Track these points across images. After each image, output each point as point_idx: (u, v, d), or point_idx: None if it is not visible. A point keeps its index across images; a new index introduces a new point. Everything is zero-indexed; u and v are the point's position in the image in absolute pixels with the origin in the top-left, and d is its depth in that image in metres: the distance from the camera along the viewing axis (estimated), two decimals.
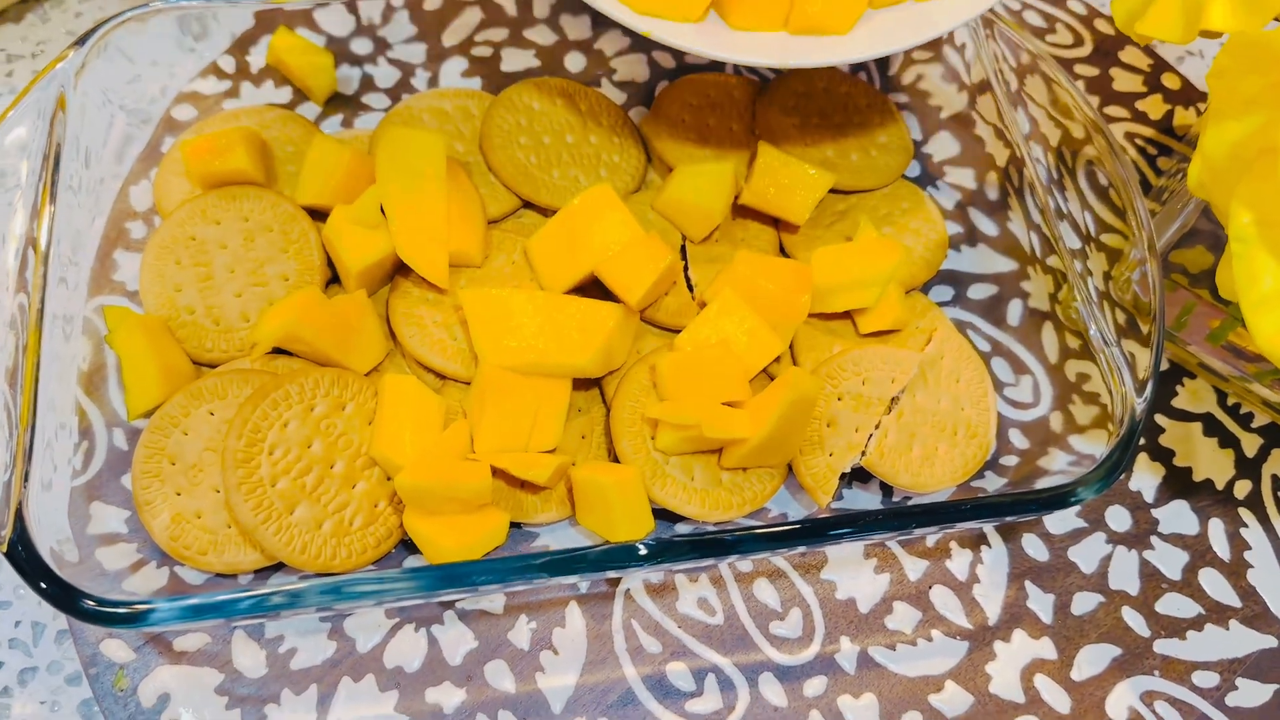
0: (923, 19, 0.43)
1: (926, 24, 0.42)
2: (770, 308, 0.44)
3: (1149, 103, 0.58)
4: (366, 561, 0.40)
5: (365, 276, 0.44)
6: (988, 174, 0.52)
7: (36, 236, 0.41)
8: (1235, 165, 0.36)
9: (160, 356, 0.42)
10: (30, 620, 0.42)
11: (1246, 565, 0.45)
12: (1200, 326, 0.49)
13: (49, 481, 0.38)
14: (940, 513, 0.38)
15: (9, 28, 0.58)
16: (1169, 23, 0.40)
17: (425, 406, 0.41)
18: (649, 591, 0.42)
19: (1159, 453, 0.48)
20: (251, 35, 0.54)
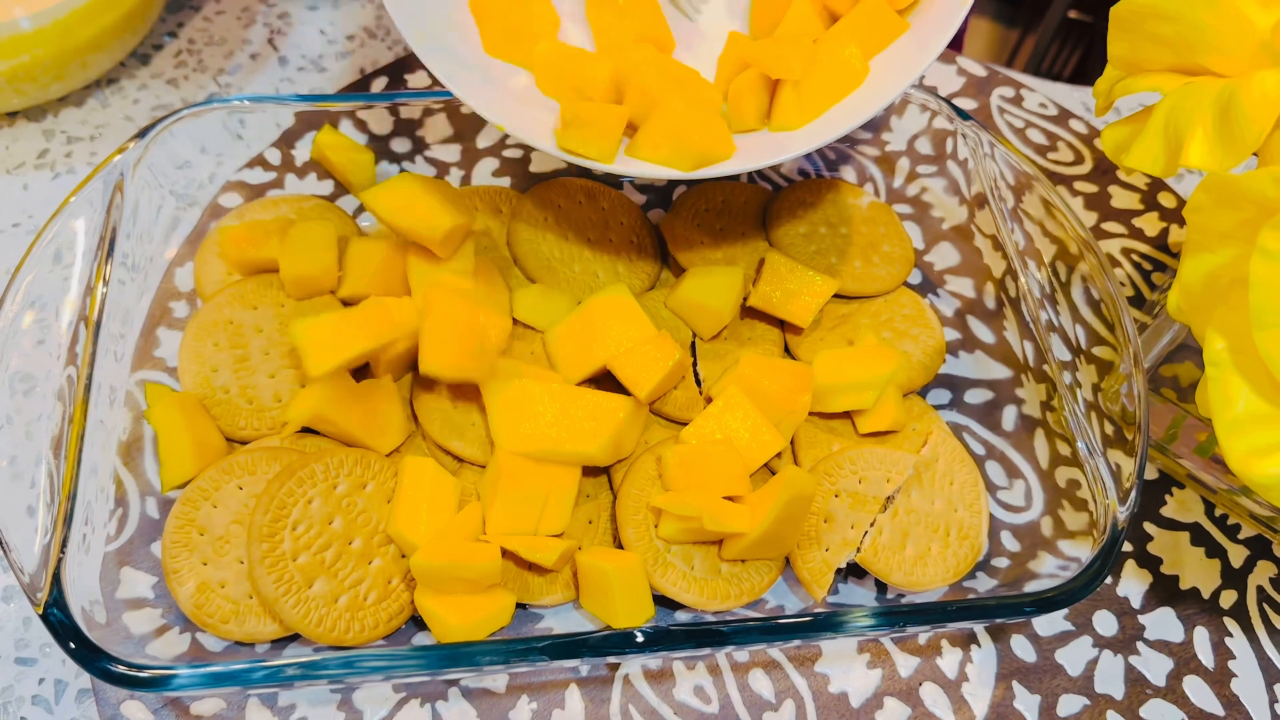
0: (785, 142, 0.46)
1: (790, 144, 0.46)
2: (772, 406, 0.47)
3: (1145, 220, 0.61)
4: (378, 636, 0.42)
5: (393, 364, 0.47)
6: (985, 284, 0.54)
7: (89, 313, 0.44)
8: (1210, 294, 0.38)
9: (194, 432, 0.45)
10: (54, 678, 0.44)
11: (1230, 674, 0.46)
12: (1189, 439, 0.51)
13: (85, 546, 0.41)
14: (929, 612, 0.40)
15: (70, 110, 0.62)
16: (1152, 157, 0.42)
17: (442, 488, 0.43)
18: (647, 677, 0.44)
19: (1147, 560, 0.49)
20: (297, 130, 0.57)
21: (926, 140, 0.60)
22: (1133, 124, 0.44)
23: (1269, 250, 0.34)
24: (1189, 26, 0.41)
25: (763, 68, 0.46)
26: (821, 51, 0.46)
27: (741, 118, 0.47)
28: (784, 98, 0.46)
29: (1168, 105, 0.42)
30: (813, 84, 0.46)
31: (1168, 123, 0.42)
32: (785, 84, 0.46)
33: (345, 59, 0.66)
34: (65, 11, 0.54)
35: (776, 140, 0.47)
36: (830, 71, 0.46)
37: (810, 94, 0.46)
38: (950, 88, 0.67)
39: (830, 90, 0.46)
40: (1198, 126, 0.40)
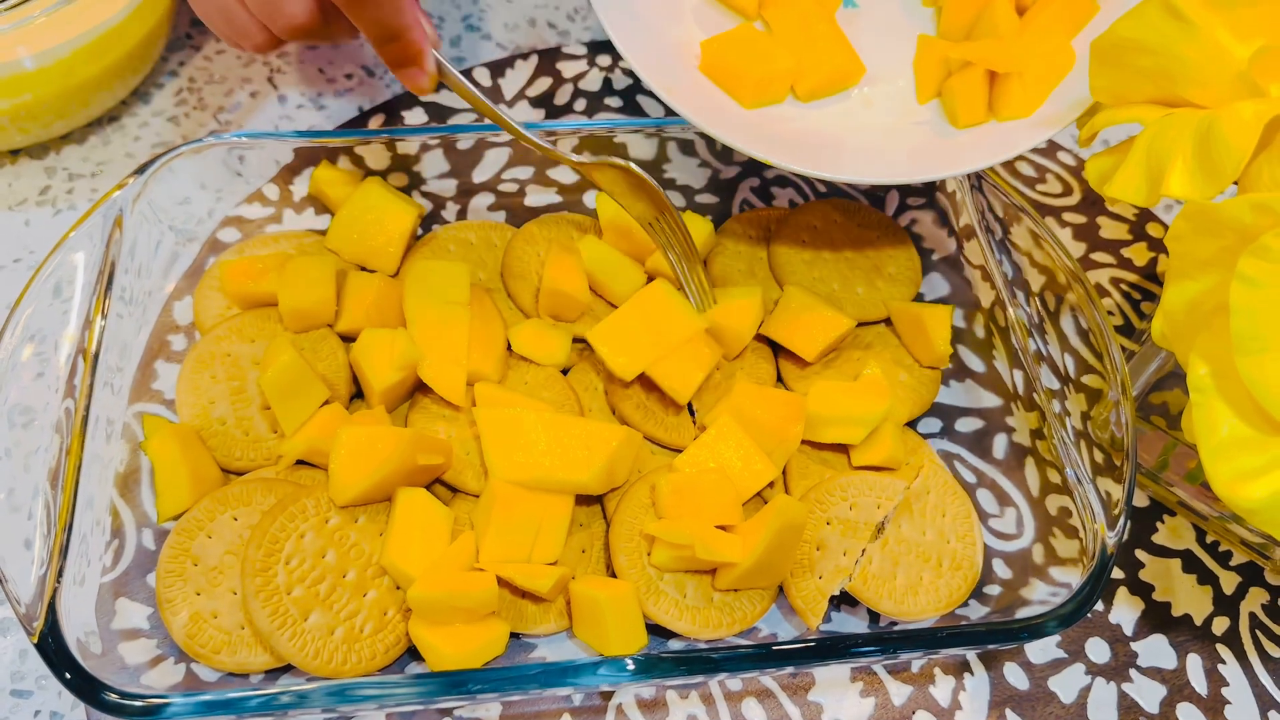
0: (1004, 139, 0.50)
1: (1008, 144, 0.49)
2: (765, 435, 0.47)
3: (1134, 250, 0.62)
4: (375, 667, 0.42)
5: (387, 395, 0.47)
6: (975, 314, 0.55)
7: (87, 346, 0.45)
8: (1193, 320, 0.39)
9: (191, 464, 0.45)
10: (50, 710, 0.44)
11: (1224, 701, 0.46)
12: (1180, 466, 0.51)
13: (81, 577, 0.41)
14: (921, 638, 0.40)
15: (72, 148, 0.63)
16: (1134, 187, 0.43)
17: (434, 519, 0.43)
18: (640, 706, 0.44)
19: (1139, 587, 0.49)
20: (295, 166, 0.58)
21: None
22: (1116, 154, 0.45)
23: (1248, 277, 0.35)
24: (1169, 59, 0.42)
25: (991, 65, 0.50)
26: (1036, 42, 0.50)
27: (971, 113, 0.51)
28: (1010, 90, 0.50)
29: (1149, 136, 0.42)
30: (1034, 74, 0.50)
31: (1149, 153, 0.42)
32: (1010, 77, 0.50)
33: (343, 97, 0.67)
34: (68, 51, 0.55)
35: (1006, 131, 0.50)
36: (1047, 60, 0.50)
37: (1034, 83, 0.50)
38: None
39: (1049, 78, 0.50)
40: (1178, 156, 0.41)
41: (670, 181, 0.61)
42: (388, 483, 0.44)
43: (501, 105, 0.48)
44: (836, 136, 0.51)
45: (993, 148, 0.49)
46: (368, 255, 0.53)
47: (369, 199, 0.53)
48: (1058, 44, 0.50)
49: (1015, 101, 0.50)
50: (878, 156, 0.50)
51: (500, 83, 0.67)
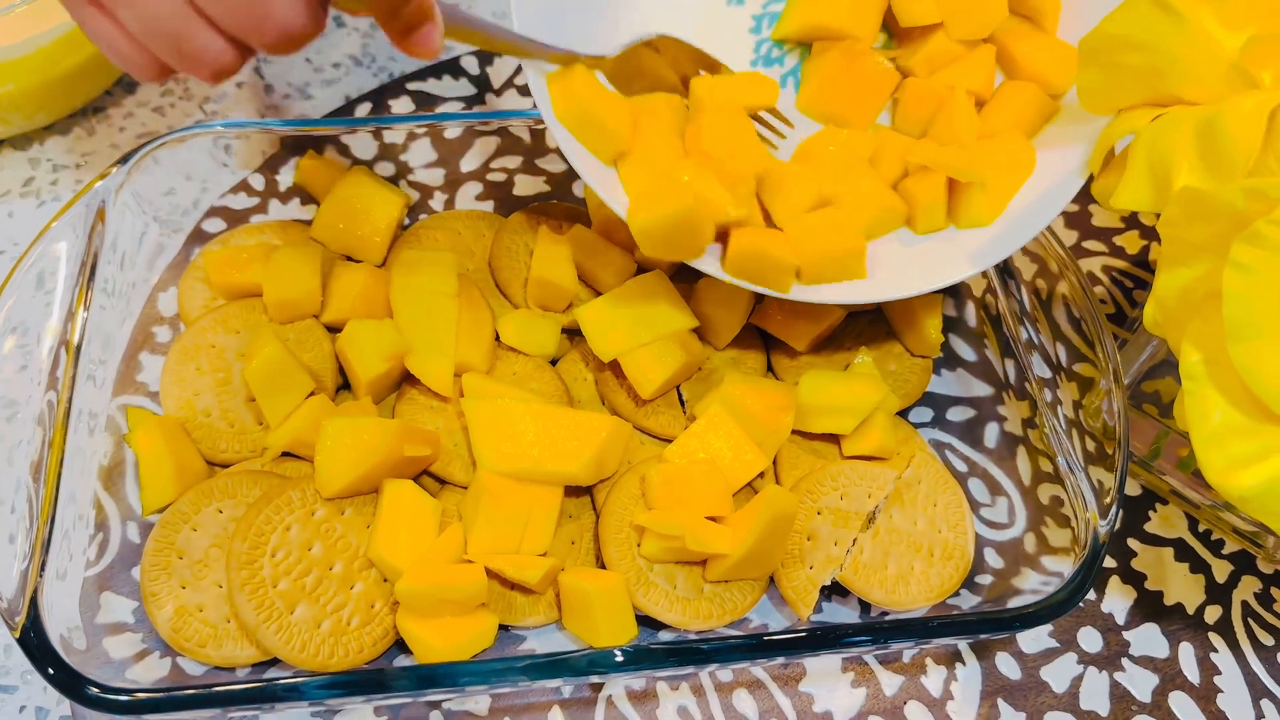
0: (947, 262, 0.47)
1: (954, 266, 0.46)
2: (756, 425, 0.47)
3: (1126, 238, 0.62)
4: (363, 660, 0.42)
5: (374, 385, 0.47)
6: (966, 303, 0.55)
7: (69, 337, 0.44)
8: (1186, 307, 0.39)
9: (176, 456, 0.45)
10: (35, 705, 0.44)
11: (1216, 690, 0.46)
12: (1172, 455, 0.51)
13: (64, 571, 0.41)
14: (912, 628, 0.40)
15: (56, 139, 0.62)
16: (1141, 194, 0.41)
17: (422, 510, 0.43)
18: (631, 698, 0.44)
19: (1131, 576, 0.49)
20: (281, 156, 0.58)
21: None
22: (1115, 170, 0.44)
23: (1241, 263, 0.35)
24: (1158, 54, 0.41)
25: (951, 172, 0.47)
26: (995, 147, 0.47)
27: (930, 219, 0.48)
28: (971, 197, 0.47)
29: (1146, 140, 0.41)
30: (995, 181, 0.47)
31: (1150, 157, 0.41)
32: (971, 185, 0.47)
33: (330, 86, 0.66)
34: (49, 40, 0.55)
35: (963, 241, 0.47)
36: (1007, 165, 0.47)
37: (995, 189, 0.47)
38: None
39: (1010, 182, 0.47)
40: (1181, 157, 0.40)
41: None
42: (374, 474, 0.43)
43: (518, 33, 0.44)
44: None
45: (948, 262, 0.47)
46: (354, 245, 0.52)
47: (355, 189, 0.53)
48: (1018, 146, 0.47)
49: (976, 209, 0.47)
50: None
51: (488, 71, 0.66)
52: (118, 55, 0.37)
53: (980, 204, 0.47)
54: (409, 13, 0.40)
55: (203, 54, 0.37)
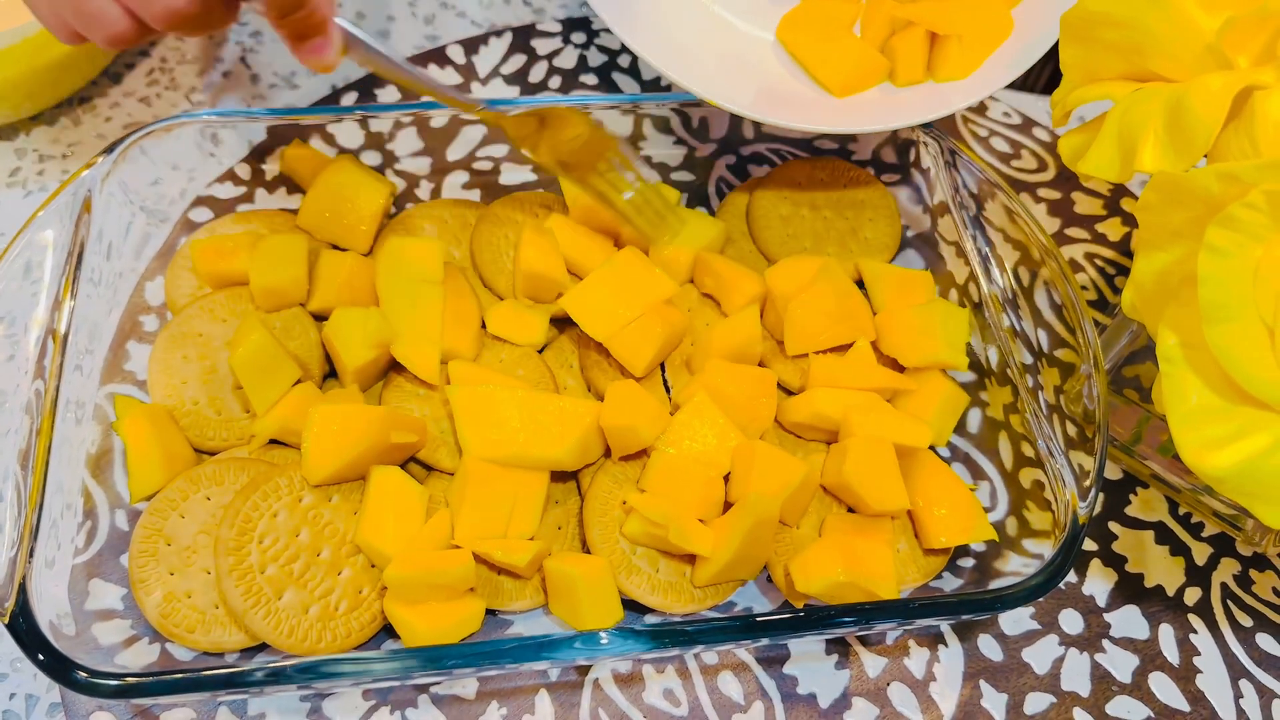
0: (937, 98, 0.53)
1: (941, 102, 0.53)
2: (738, 411, 0.47)
3: (1108, 225, 0.62)
4: (351, 645, 0.42)
5: (360, 373, 0.47)
6: (949, 290, 0.55)
7: (56, 326, 0.44)
8: (1163, 291, 0.39)
9: (163, 444, 0.45)
10: (25, 693, 0.44)
11: (1195, 670, 0.47)
12: (1153, 439, 0.51)
13: (52, 559, 0.41)
14: (892, 609, 0.41)
15: (42, 129, 0.62)
16: (1107, 162, 0.43)
17: (409, 497, 0.43)
18: (617, 681, 0.44)
19: (1112, 559, 0.50)
20: (267, 145, 0.58)
21: (890, 149, 0.61)
22: (1088, 131, 0.45)
23: (1216, 246, 0.35)
24: (1138, 32, 0.42)
25: (931, 25, 0.52)
26: (976, 7, 0.53)
27: (910, 71, 0.53)
28: (949, 52, 0.53)
29: (1120, 111, 0.42)
30: (971, 38, 0.53)
31: (1121, 128, 0.42)
32: (949, 39, 0.52)
33: (316, 75, 0.66)
34: (35, 30, 0.55)
35: (942, 91, 0.53)
36: (985, 26, 0.53)
37: (970, 47, 0.53)
38: None
39: (985, 43, 0.53)
40: (1149, 131, 0.41)
41: (646, 159, 0.61)
42: (361, 461, 0.43)
43: (425, 71, 0.45)
44: (780, 87, 0.54)
45: (927, 106, 0.52)
46: (340, 234, 0.53)
47: (341, 177, 0.53)
48: (997, 11, 0.53)
49: (952, 63, 0.52)
50: (816, 108, 0.53)
51: (474, 60, 0.66)
52: (37, 14, 0.41)
53: (957, 57, 0.53)
54: (298, 20, 0.41)
55: (100, 17, 0.40)
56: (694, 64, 0.52)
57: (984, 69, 0.53)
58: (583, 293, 0.49)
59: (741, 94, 0.52)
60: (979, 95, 0.52)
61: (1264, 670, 0.47)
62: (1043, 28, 0.52)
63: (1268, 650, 0.47)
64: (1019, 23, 0.53)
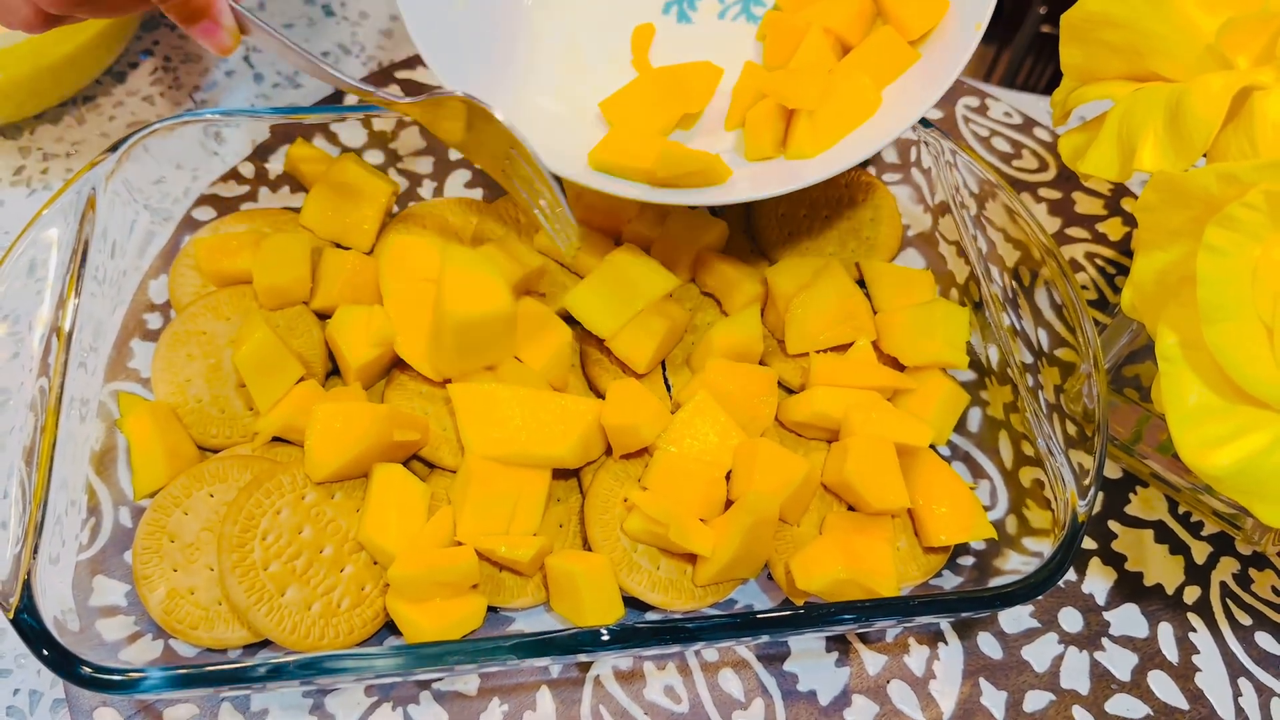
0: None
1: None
2: (739, 409, 0.47)
3: (1109, 225, 0.62)
4: (353, 642, 0.42)
5: (363, 371, 0.47)
6: (949, 290, 0.55)
7: (60, 324, 0.45)
8: (1162, 291, 0.39)
9: (167, 441, 0.45)
10: (29, 689, 0.44)
11: (1194, 669, 0.47)
12: (1153, 438, 0.51)
13: (56, 555, 0.41)
14: (892, 607, 0.41)
15: (46, 128, 0.62)
16: (1107, 162, 0.43)
17: (411, 494, 0.43)
18: (618, 678, 0.44)
19: (1111, 557, 0.50)
20: (271, 145, 0.58)
21: (891, 149, 0.61)
22: (1088, 131, 0.45)
23: (1215, 246, 0.35)
24: (1138, 33, 0.42)
25: (779, 98, 0.48)
26: (835, 82, 0.49)
27: (759, 146, 0.50)
28: (799, 127, 0.49)
29: (1120, 111, 0.43)
30: (827, 114, 0.48)
31: (1121, 128, 0.42)
32: (801, 114, 0.48)
33: None
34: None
35: (791, 168, 0.49)
36: (844, 102, 0.48)
37: (825, 123, 0.48)
38: None
39: (844, 120, 0.49)
40: (1149, 130, 0.41)
41: None
42: (364, 459, 0.44)
43: (324, 60, 0.45)
44: None
45: (769, 181, 0.48)
46: (343, 232, 0.53)
47: (344, 176, 0.53)
48: (860, 88, 0.49)
49: (802, 140, 0.49)
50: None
51: None
52: None
53: (806, 134, 0.49)
54: (183, 3, 0.42)
55: (5, 5, 0.43)
56: (534, 111, 0.51)
57: (840, 146, 0.49)
58: (584, 291, 0.49)
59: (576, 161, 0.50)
60: (829, 172, 0.47)
61: (1263, 669, 0.47)
62: (914, 104, 0.47)
63: (1266, 649, 0.48)
64: (889, 99, 0.49)
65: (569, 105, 0.53)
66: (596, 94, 0.53)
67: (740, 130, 0.53)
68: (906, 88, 0.49)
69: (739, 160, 0.51)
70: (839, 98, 0.48)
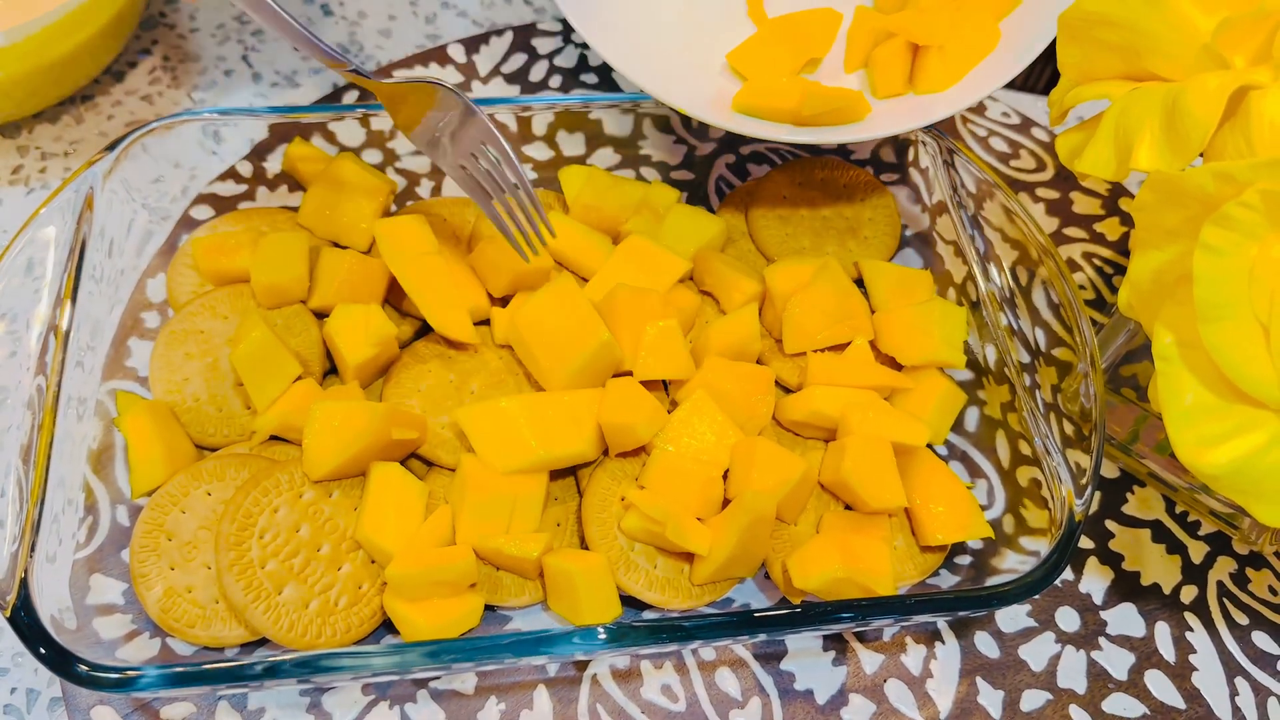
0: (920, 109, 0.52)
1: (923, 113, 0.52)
2: (736, 408, 0.47)
3: (1106, 225, 0.62)
4: (350, 640, 0.43)
5: (361, 370, 0.47)
6: (947, 289, 0.55)
7: (58, 323, 0.45)
8: (1159, 290, 0.39)
9: (164, 440, 0.45)
10: (25, 687, 0.44)
11: (1191, 668, 0.47)
12: (1150, 438, 0.52)
13: (54, 554, 0.41)
14: (889, 605, 0.41)
15: (45, 126, 0.62)
16: (1103, 161, 0.43)
17: (409, 493, 0.43)
18: (615, 677, 0.44)
19: (1108, 557, 0.50)
20: (269, 144, 0.58)
21: (889, 149, 0.62)
22: (1085, 130, 0.45)
23: (1211, 245, 0.35)
24: (1135, 32, 0.42)
25: (910, 35, 0.52)
26: (960, 18, 0.52)
27: (889, 82, 0.53)
28: (930, 62, 0.52)
29: (1117, 110, 0.43)
30: (954, 48, 0.52)
31: (1118, 127, 0.42)
32: (930, 50, 0.52)
33: (318, 74, 0.66)
34: (38, 28, 0.55)
35: (921, 103, 0.52)
36: (969, 36, 0.52)
37: (953, 58, 0.52)
38: None
39: (970, 54, 0.52)
40: (1146, 130, 0.41)
41: (646, 158, 0.61)
42: (362, 458, 0.44)
43: (292, 20, 0.44)
44: None
45: (904, 116, 0.52)
46: (340, 232, 0.53)
47: (342, 175, 0.53)
48: (982, 22, 0.52)
49: (933, 75, 0.52)
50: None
51: (475, 59, 0.66)
52: None
53: (937, 70, 0.52)
54: None
55: None
56: (664, 70, 0.53)
57: (967, 80, 0.52)
58: (601, 284, 0.49)
59: (716, 106, 0.52)
60: (962, 105, 0.51)
61: (1259, 668, 0.47)
62: (1032, 36, 0.51)
63: (1263, 648, 0.48)
64: (1007, 33, 0.53)
65: (696, 60, 0.56)
66: (720, 48, 0.56)
67: (861, 72, 0.56)
68: (1020, 22, 0.52)
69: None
70: (964, 32, 0.52)
